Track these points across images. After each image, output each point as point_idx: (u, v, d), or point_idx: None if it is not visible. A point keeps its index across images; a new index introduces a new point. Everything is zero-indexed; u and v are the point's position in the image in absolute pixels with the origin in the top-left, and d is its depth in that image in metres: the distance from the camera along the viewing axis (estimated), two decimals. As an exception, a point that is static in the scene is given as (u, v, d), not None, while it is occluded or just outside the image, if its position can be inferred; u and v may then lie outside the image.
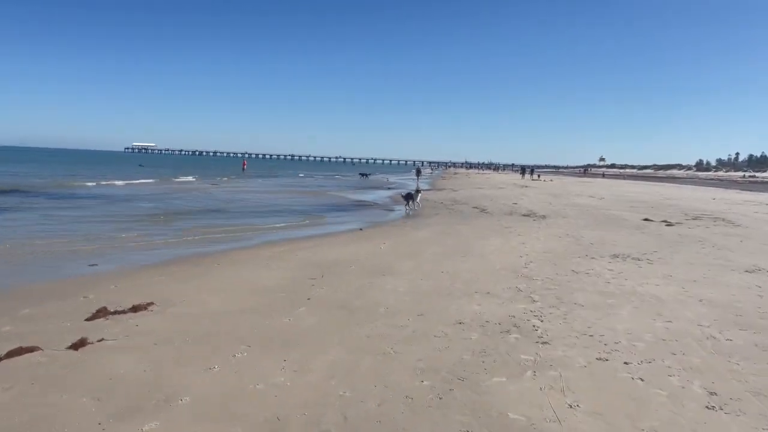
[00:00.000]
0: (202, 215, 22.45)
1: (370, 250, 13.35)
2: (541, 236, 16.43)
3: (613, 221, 21.33)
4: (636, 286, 9.63)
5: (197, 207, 26.04)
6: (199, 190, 38.06)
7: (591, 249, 13.98)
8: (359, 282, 9.57)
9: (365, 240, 15.42)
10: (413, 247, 13.94)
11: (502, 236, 16.30)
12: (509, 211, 24.86)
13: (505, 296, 8.68)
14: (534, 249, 13.83)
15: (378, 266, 11.16)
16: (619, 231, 18.16)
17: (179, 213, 22.83)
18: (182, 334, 6.55)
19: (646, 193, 44.53)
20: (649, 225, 20.26)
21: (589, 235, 16.95)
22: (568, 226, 19.52)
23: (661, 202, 33.15)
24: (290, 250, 13.19)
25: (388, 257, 12.33)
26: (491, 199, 32.98)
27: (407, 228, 18.47)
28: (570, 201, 32.39)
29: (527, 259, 12.25)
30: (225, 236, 16.32)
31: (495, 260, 12.10)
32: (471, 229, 17.79)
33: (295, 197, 34.72)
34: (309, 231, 18.07)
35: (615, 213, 24.80)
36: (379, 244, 14.36)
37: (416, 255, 12.76)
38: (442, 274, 10.44)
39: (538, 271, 10.92)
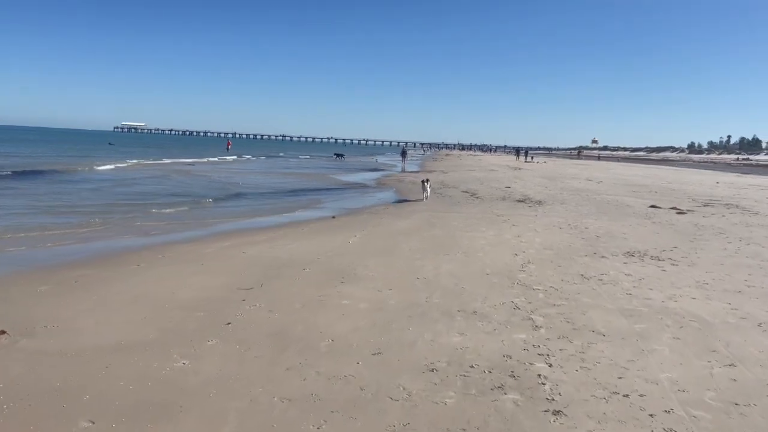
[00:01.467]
0: (164, 199, 20.08)
1: (337, 245, 11.10)
2: (538, 227, 14.21)
3: (617, 208, 19.15)
4: (666, 299, 7.44)
5: (164, 190, 23.63)
6: (177, 173, 35.53)
7: (598, 244, 11.78)
8: (308, 294, 7.34)
9: (335, 231, 13.15)
10: (389, 241, 11.69)
11: (494, 227, 14.07)
12: (502, 196, 22.63)
13: (497, 318, 6.47)
14: (531, 244, 11.61)
15: (340, 268, 8.92)
16: (626, 220, 15.98)
17: (138, 198, 20.46)
18: (7, 393, 4.29)
19: (645, 177, 42.43)
20: (657, 213, 18.10)
21: (594, 225, 14.75)
22: (567, 213, 17.32)
23: (663, 187, 31.04)
24: (240, 245, 10.92)
25: (355, 255, 10.09)
26: (483, 182, 30.74)
27: (387, 216, 16.21)
28: (566, 185, 30.21)
29: (524, 258, 10.04)
30: (173, 225, 14.01)
31: (485, 260, 9.88)
32: (459, 218, 15.54)
33: (273, 178, 32.32)
34: (272, 218, 15.78)
35: (617, 198, 22.63)
36: (349, 237, 12.11)
37: (390, 251, 10.52)
38: (418, 281, 8.21)
39: (539, 275, 8.71)
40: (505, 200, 21.22)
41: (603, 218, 16.37)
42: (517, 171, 45.37)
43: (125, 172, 33.33)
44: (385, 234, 12.75)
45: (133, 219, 14.57)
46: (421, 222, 14.49)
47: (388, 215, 16.47)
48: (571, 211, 18.13)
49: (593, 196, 23.72)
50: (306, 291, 7.57)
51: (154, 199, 20.05)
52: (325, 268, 9.04)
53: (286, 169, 43.59)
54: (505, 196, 22.62)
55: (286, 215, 16.67)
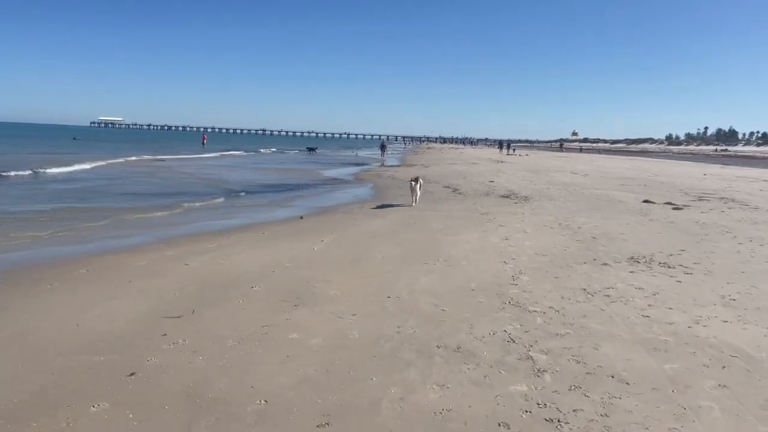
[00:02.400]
0: (122, 200, 18.37)
1: (299, 253, 9.58)
2: (527, 227, 12.81)
3: (609, 204, 17.84)
4: (693, 323, 6.05)
5: (123, 190, 21.86)
6: (137, 171, 33.57)
7: (597, 247, 10.40)
8: (249, 324, 5.84)
9: (300, 234, 11.63)
10: (360, 247, 10.20)
11: (478, 227, 12.63)
12: (486, 192, 21.24)
13: (487, 357, 5.03)
14: (522, 248, 10.19)
15: (296, 285, 7.43)
16: (620, 218, 14.66)
17: (93, 199, 18.73)
18: None
19: (629, 169, 41.37)
20: (652, 209, 16.81)
21: (587, 224, 13.39)
22: (557, 211, 15.95)
23: (650, 179, 29.91)
24: (184, 254, 9.36)
25: (318, 266, 8.59)
26: (465, 176, 29.35)
27: (361, 215, 14.71)
28: (552, 178, 28.93)
29: (515, 268, 8.61)
30: (114, 230, 12.37)
31: (470, 270, 8.43)
32: (440, 218, 14.08)
33: (243, 173, 30.59)
34: (232, 220, 14.18)
35: (607, 193, 21.36)
36: (315, 242, 10.60)
37: (360, 261, 9.03)
38: (390, 301, 6.74)
39: (534, 291, 7.29)
40: (489, 196, 19.82)
41: (596, 216, 15.03)
42: (500, 164, 44.09)
43: (73, 174, 31.37)
44: (357, 238, 11.25)
45: (73, 223, 12.90)
46: (398, 223, 13.01)
47: (363, 215, 14.97)
48: (561, 207, 16.77)
49: (581, 190, 22.44)
50: (248, 319, 6.05)
51: (99, 201, 18.35)
52: (278, 284, 7.52)
53: (259, 165, 41.83)
54: (489, 192, 21.23)
55: (249, 215, 15.08)
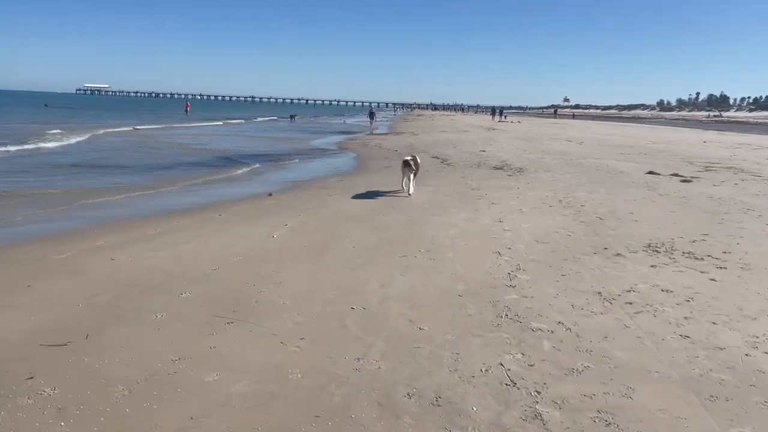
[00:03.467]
0: (90, 172, 16.64)
1: (254, 242, 8.02)
2: (524, 204, 11.28)
3: (611, 176, 16.33)
4: (749, 347, 4.63)
5: (100, 160, 20.08)
6: (124, 137, 31.56)
7: (606, 231, 8.91)
8: (156, 359, 4.35)
9: (263, 215, 10.05)
10: (328, 233, 8.65)
11: (468, 206, 11.10)
12: (477, 162, 19.66)
13: (477, 417, 3.54)
14: (518, 233, 8.68)
15: (238, 290, 5.91)
16: (626, 192, 13.17)
17: (46, 176, 17.01)
18: None
19: (626, 136, 39.85)
20: (659, 181, 15.33)
21: (591, 200, 11.89)
22: (555, 184, 14.43)
23: (649, 147, 28.44)
24: (115, 245, 7.80)
25: (273, 260, 7.05)
26: (455, 145, 27.70)
27: (337, 191, 13.12)
28: (546, 147, 27.36)
29: (511, 261, 7.11)
30: (53, 211, 10.73)
31: (456, 265, 6.92)
32: (425, 194, 12.54)
33: (219, 142, 28.67)
34: (187, 198, 12.56)
35: (606, 163, 19.84)
36: (278, 226, 9.04)
37: (325, 253, 7.49)
38: (353, 315, 5.21)
39: (537, 295, 5.81)
40: (480, 167, 18.26)
41: (599, 190, 13.52)
42: (492, 132, 42.40)
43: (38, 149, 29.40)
44: (328, 220, 9.69)
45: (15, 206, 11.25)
46: (377, 201, 11.42)
47: (340, 190, 13.38)
48: (559, 180, 15.25)
49: (579, 160, 20.91)
50: (158, 348, 4.52)
51: (53, 180, 16.64)
52: (216, 289, 5.97)
53: (240, 133, 39.87)
54: (481, 162, 19.65)
55: (211, 192, 13.44)
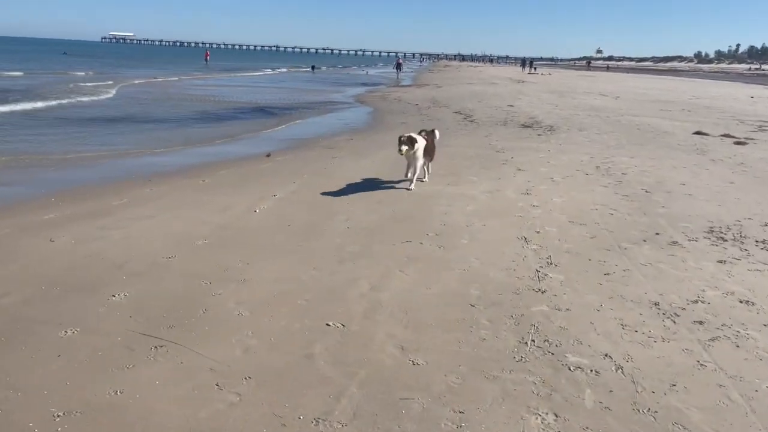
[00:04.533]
0: (65, 132, 15.40)
1: (229, 219, 6.69)
2: (555, 171, 9.75)
3: (653, 136, 14.57)
4: None
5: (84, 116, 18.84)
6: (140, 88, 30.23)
7: (653, 207, 7.41)
8: (32, 414, 3.06)
9: (251, 183, 8.71)
10: (320, 206, 7.28)
11: (490, 173, 9.61)
12: (503, 119, 17.95)
13: None
14: (550, 210, 7.21)
15: (187, 290, 4.70)
16: (673, 157, 11.51)
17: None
18: None
19: (664, 90, 37.33)
20: (709, 144, 13.57)
21: (633, 166, 10.30)
22: (591, 146, 12.79)
23: (692, 103, 26.25)
24: (62, 221, 6.56)
25: (243, 246, 5.74)
26: (481, 99, 25.86)
27: (344, 152, 11.69)
28: (579, 102, 25.37)
29: (539, 251, 5.71)
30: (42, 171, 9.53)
31: (471, 258, 5.53)
32: (443, 158, 11.02)
33: (232, 93, 27.10)
34: (172, 157, 11.25)
35: (646, 121, 17.98)
36: (264, 198, 7.70)
37: (311, 233, 6.15)
38: (325, 338, 3.84)
39: (574, 308, 4.46)
40: (507, 125, 16.58)
41: (641, 153, 11.87)
42: (521, 84, 40.14)
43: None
44: (324, 189, 8.31)
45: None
46: (387, 165, 9.97)
47: (347, 151, 11.94)
48: (595, 141, 13.58)
49: (616, 117, 19.05)
50: (43, 394, 3.25)
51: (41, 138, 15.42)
52: (161, 288, 4.67)
53: (254, 84, 38.24)
54: (507, 119, 17.93)
55: (203, 150, 12.09)
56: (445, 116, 18.84)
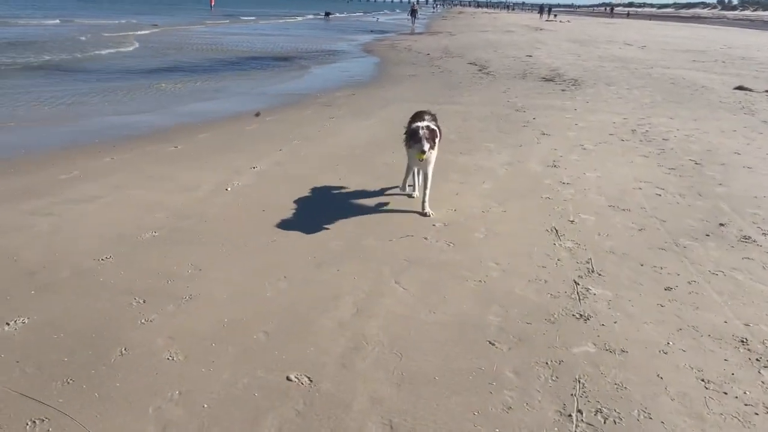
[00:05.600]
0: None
1: (196, 199, 5.51)
2: (586, 136, 8.41)
3: (691, 92, 13.06)
4: None
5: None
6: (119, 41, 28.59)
7: (709, 185, 6.14)
8: None
9: (228, 151, 7.47)
10: (305, 183, 6.08)
11: (510, 138, 8.30)
12: (522, 71, 16.40)
13: None
14: (584, 189, 5.95)
15: (114, 307, 3.62)
16: (717, 117, 10.11)
17: None
18: None
19: (693, 39, 35.14)
20: (755, 100, 12.08)
21: (674, 130, 8.96)
22: (623, 104, 11.35)
23: (725, 53, 24.39)
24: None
25: (203, 240, 4.59)
26: (497, 48, 24.10)
27: (341, 113, 10.35)
28: (604, 52, 23.58)
29: (577, 250, 4.51)
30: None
31: (487, 258, 4.33)
32: (455, 118, 9.72)
33: (239, 41, 25.40)
34: (145, 116, 9.94)
35: (680, 74, 16.35)
36: (241, 170, 6.49)
37: (289, 221, 4.93)
38: (282, 397, 2.66)
39: (632, 348, 3.33)
40: (526, 78, 15.06)
41: (681, 113, 10.44)
42: (539, 33, 38.01)
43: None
44: (313, 161, 7.06)
45: None
46: (390, 127, 8.64)
47: (347, 109, 10.59)
48: (626, 98, 12.10)
49: (645, 69, 17.40)
50: None
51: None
52: (73, 310, 3.54)
53: (259, 31, 36.38)
54: (526, 72, 16.38)
55: (187, 107, 10.78)
56: (458, 68, 17.29)
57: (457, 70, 16.78)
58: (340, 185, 6.05)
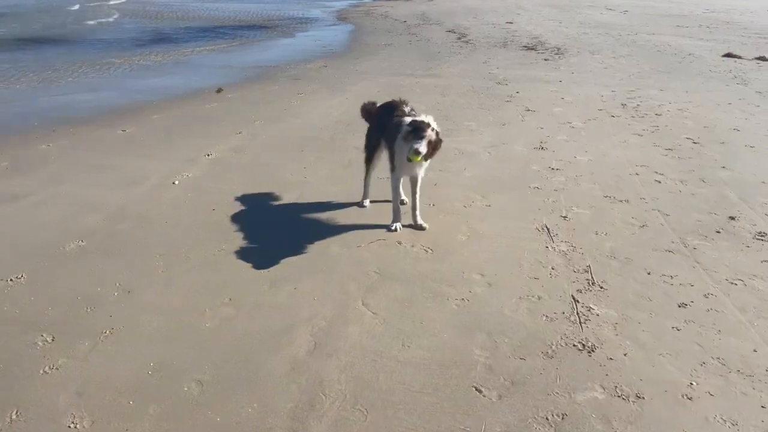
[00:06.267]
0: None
1: (137, 196, 4.84)
2: (574, 112, 7.80)
3: (680, 61, 12.49)
4: None
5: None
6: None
7: (711, 168, 5.63)
8: None
9: (183, 135, 6.78)
10: (266, 176, 5.43)
11: (492, 116, 7.66)
12: (502, 40, 15.66)
13: None
14: (575, 177, 5.39)
15: (12, 357, 2.89)
16: (709, 88, 9.57)
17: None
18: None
19: (674, 2, 34.36)
20: (746, 69, 11.55)
21: (666, 103, 8.41)
22: (610, 74, 10.75)
23: (708, 18, 23.83)
24: None
25: (137, 251, 3.99)
26: (476, 15, 23.22)
27: (311, 88, 9.62)
28: (585, 18, 22.87)
29: (573, 254, 3.99)
30: None
31: (472, 270, 3.73)
32: (432, 93, 9.03)
33: (203, 6, 24.07)
34: (110, 91, 9.12)
35: (665, 41, 15.75)
36: (194, 158, 5.86)
37: (243, 222, 4.25)
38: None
39: (656, 407, 2.72)
40: (507, 47, 14.34)
41: (671, 84, 9.87)
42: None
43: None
44: (276, 146, 6.39)
45: None
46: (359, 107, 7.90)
47: (318, 83, 9.83)
48: (613, 68, 11.48)
49: (630, 36, 16.76)
50: None
51: None
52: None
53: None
54: (508, 40, 15.64)
55: (144, 82, 9.92)
56: (436, 36, 16.48)
57: (435, 38, 15.98)
58: (304, 175, 5.38)
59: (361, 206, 4.71)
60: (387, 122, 4.25)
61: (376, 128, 4.49)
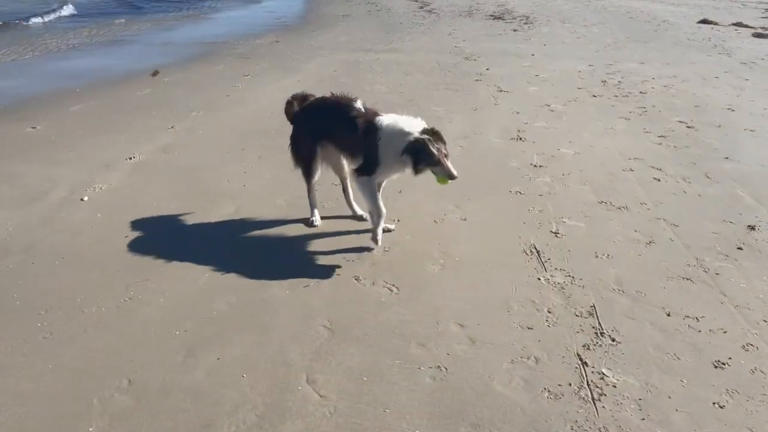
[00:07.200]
0: None
1: (34, 218, 3.95)
2: (550, 91, 7.07)
3: (654, 28, 11.84)
4: None
5: None
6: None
7: (714, 159, 5.04)
8: None
9: (105, 131, 5.90)
10: (197, 184, 4.55)
11: (461, 98, 6.88)
12: (467, 8, 14.79)
13: None
14: (561, 177, 4.68)
15: None
16: (691, 59, 8.95)
17: None
18: None
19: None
20: (725, 37, 10.95)
21: (649, 79, 7.74)
22: (584, 45, 10.02)
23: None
24: None
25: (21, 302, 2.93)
26: (438, -20, 22.11)
27: (259, 69, 8.69)
28: (552, -18, 21.95)
29: (570, 287, 3.26)
30: None
31: (449, 319, 3.00)
32: (396, 72, 8.16)
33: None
34: (24, 77, 7.99)
35: (636, 6, 15.15)
36: (112, 162, 4.95)
37: (163, 253, 3.36)
38: None
39: None
40: (472, 16, 13.47)
41: (650, 56, 9.20)
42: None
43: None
44: (212, 143, 5.53)
45: None
46: (320, 84, 6.96)
47: (267, 61, 8.89)
48: (586, 38, 10.75)
49: (599, 1, 16.02)
50: None
51: None
52: None
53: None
54: (473, 8, 14.77)
55: (68, 62, 8.78)
56: (397, 5, 15.48)
57: (396, 8, 14.99)
58: (243, 183, 4.49)
59: (311, 225, 3.86)
60: (331, 122, 3.44)
61: (309, 131, 3.64)
